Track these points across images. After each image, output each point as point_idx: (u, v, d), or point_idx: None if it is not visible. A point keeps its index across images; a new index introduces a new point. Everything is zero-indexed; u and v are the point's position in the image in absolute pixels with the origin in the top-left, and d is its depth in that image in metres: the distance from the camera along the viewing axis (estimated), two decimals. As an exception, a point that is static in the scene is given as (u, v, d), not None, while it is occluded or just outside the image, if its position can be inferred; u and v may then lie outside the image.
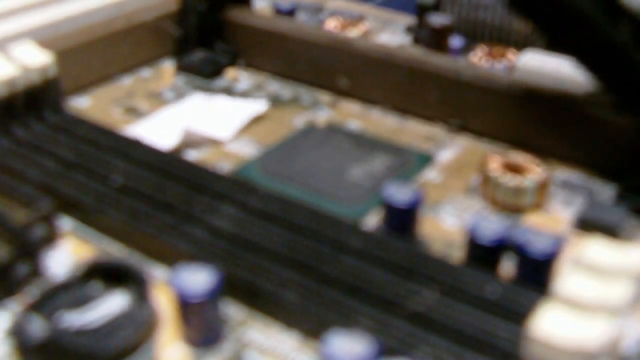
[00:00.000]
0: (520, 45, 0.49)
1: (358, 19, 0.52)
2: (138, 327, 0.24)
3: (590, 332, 0.22)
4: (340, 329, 0.24)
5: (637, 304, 0.26)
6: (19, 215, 0.28)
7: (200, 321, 0.24)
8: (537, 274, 0.26)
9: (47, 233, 0.29)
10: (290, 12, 0.51)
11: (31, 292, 0.27)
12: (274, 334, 0.26)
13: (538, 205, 0.33)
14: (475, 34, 0.51)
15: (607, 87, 0.34)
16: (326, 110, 0.43)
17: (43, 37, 0.43)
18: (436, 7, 0.51)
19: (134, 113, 0.42)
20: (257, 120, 0.41)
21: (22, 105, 0.35)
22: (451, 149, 0.39)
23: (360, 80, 0.43)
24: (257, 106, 0.42)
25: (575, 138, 0.36)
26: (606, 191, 0.35)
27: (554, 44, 0.38)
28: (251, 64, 0.47)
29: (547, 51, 0.44)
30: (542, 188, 0.33)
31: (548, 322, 0.23)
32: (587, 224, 0.32)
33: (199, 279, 0.24)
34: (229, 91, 0.45)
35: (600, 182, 0.36)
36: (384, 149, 0.38)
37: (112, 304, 0.25)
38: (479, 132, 0.39)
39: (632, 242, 0.31)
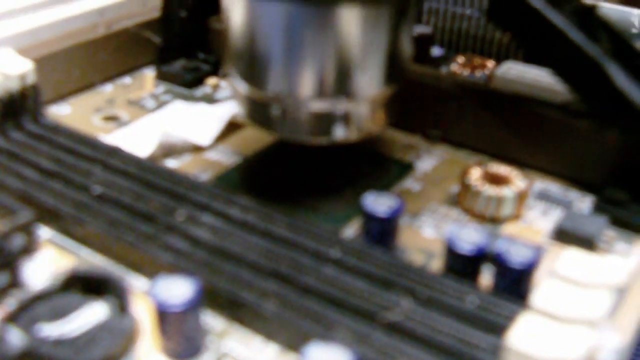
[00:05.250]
0: (500, 55, 0.49)
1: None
2: (117, 337, 0.24)
3: (568, 343, 0.23)
4: (319, 340, 0.24)
5: (614, 315, 0.26)
6: (-3, 224, 0.28)
7: (180, 332, 0.24)
8: (515, 284, 0.27)
9: (26, 243, 0.28)
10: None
11: (9, 303, 0.27)
12: (253, 345, 0.26)
13: (517, 215, 0.34)
14: (456, 44, 0.51)
15: (583, 99, 0.35)
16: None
17: (22, 44, 0.43)
18: (417, 17, 0.51)
19: (114, 121, 0.42)
20: (237, 128, 0.41)
21: (1, 114, 0.35)
22: (431, 159, 0.39)
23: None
24: (232, 107, 0.42)
25: (553, 149, 0.37)
26: (584, 202, 0.35)
27: (532, 56, 0.38)
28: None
29: (525, 62, 0.45)
30: (521, 199, 0.33)
31: (526, 334, 0.23)
32: (564, 235, 0.32)
33: (178, 289, 0.24)
34: (210, 99, 0.45)
35: (578, 193, 0.36)
36: (364, 157, 0.38)
37: (91, 314, 0.25)
38: (459, 143, 0.40)
39: (609, 253, 0.32)
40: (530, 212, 0.34)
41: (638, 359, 0.31)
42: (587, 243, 0.31)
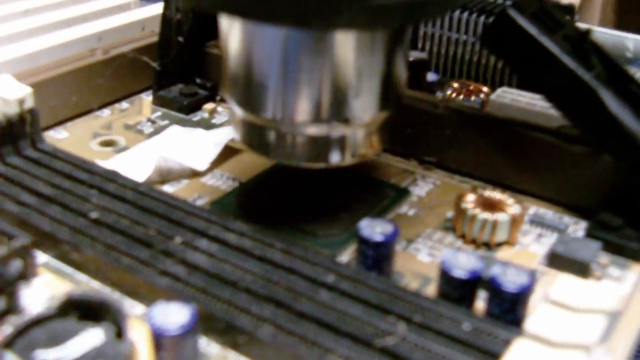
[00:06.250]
0: (495, 81, 0.50)
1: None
2: (113, 363, 0.24)
3: (561, 369, 0.23)
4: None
5: (608, 340, 0.26)
6: (-6, 249, 0.28)
7: (176, 357, 0.24)
8: (510, 309, 0.27)
9: (23, 268, 0.28)
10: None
11: (6, 329, 0.27)
12: (249, 370, 0.26)
13: (511, 241, 0.34)
14: (451, 70, 0.52)
15: (577, 124, 0.35)
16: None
17: (20, 69, 0.43)
18: (412, 43, 0.52)
19: (112, 146, 0.42)
20: (234, 153, 0.41)
21: (-1, 138, 0.35)
22: (426, 184, 0.39)
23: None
24: (228, 131, 0.42)
25: (548, 174, 0.37)
26: (579, 227, 0.35)
27: (526, 82, 0.39)
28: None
29: (520, 88, 0.45)
30: (516, 224, 0.34)
31: (521, 359, 0.23)
32: (558, 260, 0.32)
33: (175, 314, 0.25)
34: (206, 124, 0.45)
35: (572, 218, 0.36)
36: (359, 182, 0.38)
37: (88, 339, 0.25)
38: (454, 169, 0.40)
39: (603, 279, 0.32)
40: (525, 237, 0.35)
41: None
42: (581, 268, 0.32)
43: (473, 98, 0.46)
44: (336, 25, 0.27)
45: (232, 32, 0.31)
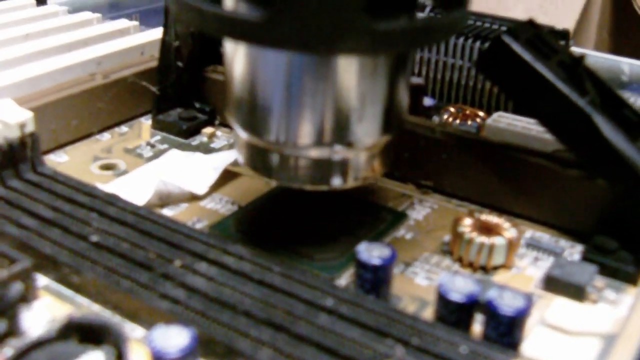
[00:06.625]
0: (491, 105, 0.50)
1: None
2: (113, 386, 0.24)
3: (558, 391, 0.23)
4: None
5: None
6: (-5, 273, 0.28)
7: (176, 380, 0.25)
8: (506, 332, 0.27)
9: (24, 291, 0.29)
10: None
11: (6, 351, 0.27)
12: (248, 393, 0.26)
13: (508, 264, 0.34)
14: (447, 95, 0.52)
15: (571, 149, 0.35)
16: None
17: (21, 94, 0.44)
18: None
19: (111, 170, 0.42)
20: (233, 176, 0.42)
21: (-1, 162, 0.35)
22: (423, 209, 0.39)
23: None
24: (228, 156, 0.42)
25: (543, 198, 0.37)
26: (575, 251, 0.36)
27: (521, 107, 0.39)
28: (228, 123, 0.48)
29: (516, 113, 0.46)
30: (512, 247, 0.34)
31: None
32: (555, 283, 0.32)
33: (174, 337, 0.25)
34: (205, 148, 0.46)
35: (568, 241, 0.36)
36: (358, 206, 0.39)
37: (88, 362, 0.25)
38: (451, 193, 0.40)
39: (599, 302, 0.32)
40: (521, 260, 0.35)
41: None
42: (577, 291, 0.32)
43: (469, 122, 0.47)
44: (340, 50, 0.28)
45: (237, 56, 0.31)
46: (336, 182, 0.32)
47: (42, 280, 0.31)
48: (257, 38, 0.27)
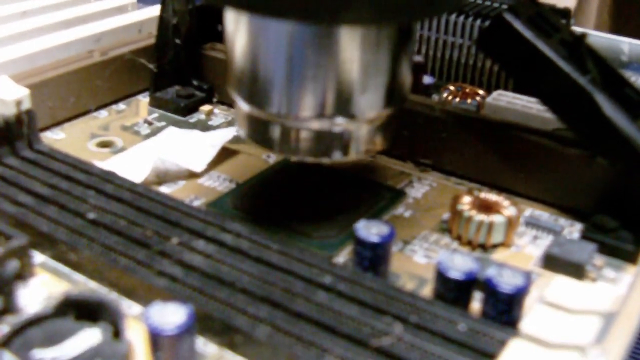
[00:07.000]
0: (491, 84, 0.50)
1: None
2: (110, 363, 0.24)
3: (556, 369, 0.23)
4: (311, 365, 0.24)
5: (603, 341, 0.26)
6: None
7: (173, 357, 0.25)
8: (505, 310, 0.27)
9: (20, 268, 0.29)
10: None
11: (3, 328, 0.27)
12: (246, 370, 0.26)
13: (507, 242, 0.34)
14: (447, 73, 0.52)
15: (572, 127, 0.35)
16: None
17: (18, 71, 0.44)
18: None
19: (109, 147, 0.42)
20: (231, 154, 0.41)
21: (-4, 139, 0.35)
22: (422, 186, 0.39)
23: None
24: (225, 133, 0.42)
25: (543, 176, 0.37)
26: (574, 229, 0.36)
27: (522, 85, 0.39)
28: (226, 100, 0.48)
29: (516, 91, 0.45)
30: (511, 226, 0.34)
31: (516, 359, 0.23)
32: (554, 261, 0.32)
33: (172, 314, 0.25)
34: (203, 126, 0.45)
35: (568, 220, 0.36)
36: (356, 184, 0.39)
37: (85, 339, 0.25)
38: (450, 171, 0.40)
39: (598, 280, 0.32)
40: (521, 239, 0.35)
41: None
42: (576, 269, 0.32)
43: (469, 101, 0.47)
44: (343, 20, 0.27)
45: (238, 27, 0.31)
46: (338, 154, 0.32)
47: (38, 257, 0.31)
48: (259, 8, 0.27)
